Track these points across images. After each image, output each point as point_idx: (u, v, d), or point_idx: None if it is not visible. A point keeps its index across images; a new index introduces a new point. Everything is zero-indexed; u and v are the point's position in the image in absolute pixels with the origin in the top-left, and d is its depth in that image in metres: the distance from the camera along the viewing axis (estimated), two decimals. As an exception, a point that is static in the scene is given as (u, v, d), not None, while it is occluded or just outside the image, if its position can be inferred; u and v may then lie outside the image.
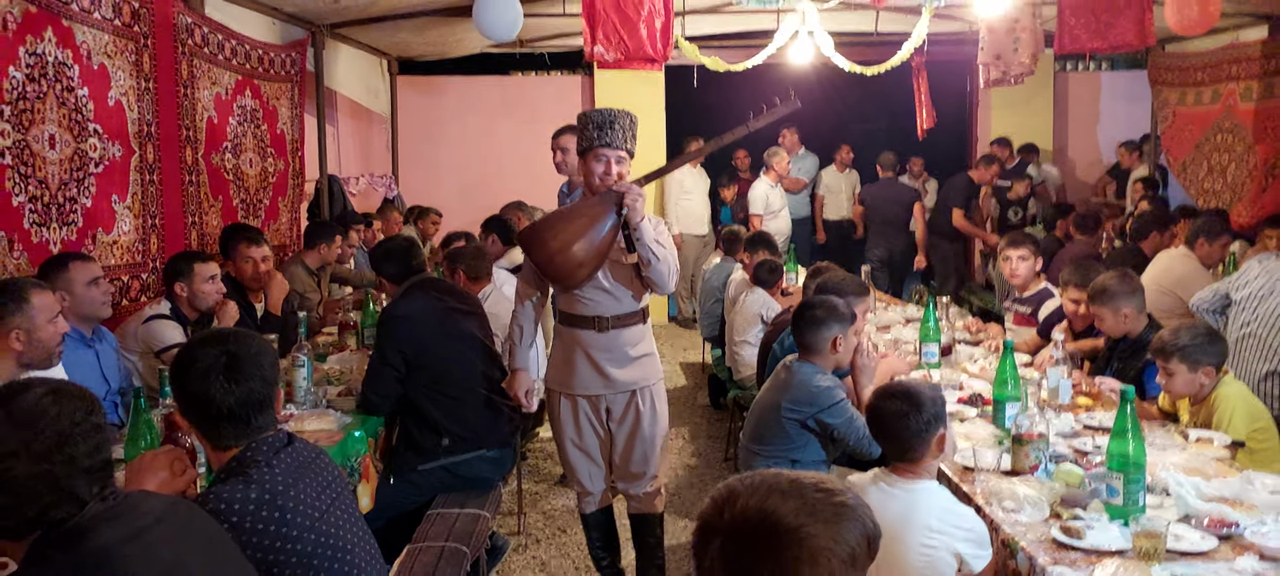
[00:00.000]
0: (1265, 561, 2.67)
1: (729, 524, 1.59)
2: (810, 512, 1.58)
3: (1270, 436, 4.03)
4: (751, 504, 1.59)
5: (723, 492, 1.64)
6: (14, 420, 1.81)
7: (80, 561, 1.75)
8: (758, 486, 1.62)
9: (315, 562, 2.36)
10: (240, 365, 2.41)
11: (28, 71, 4.49)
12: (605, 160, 4.20)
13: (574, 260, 4.14)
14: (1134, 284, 4.80)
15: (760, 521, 1.58)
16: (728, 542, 1.58)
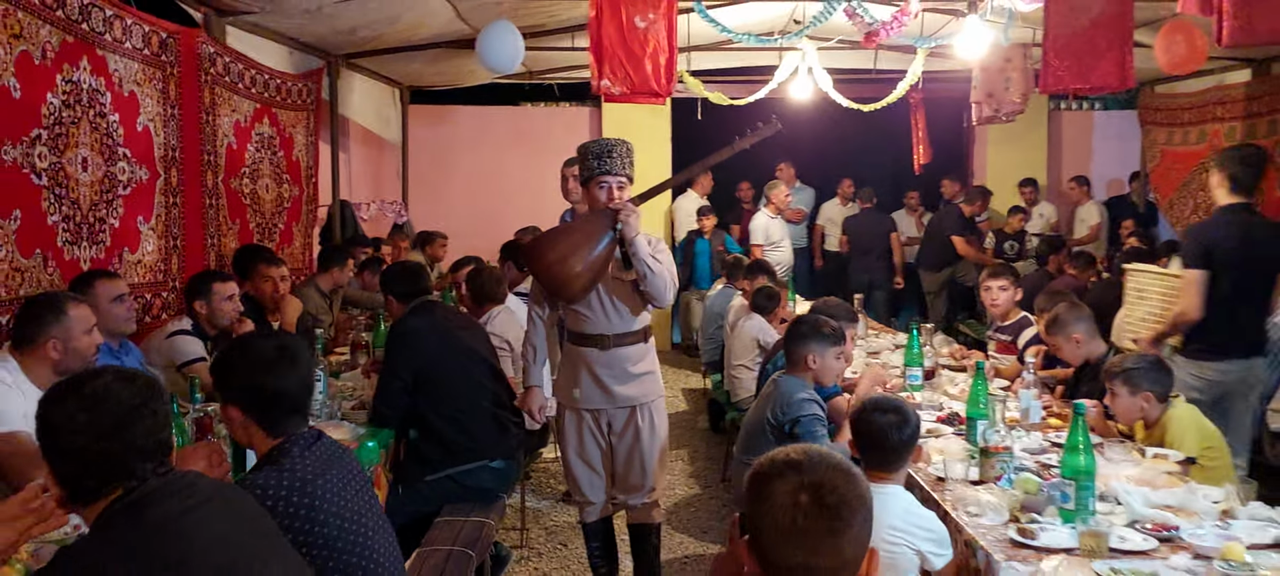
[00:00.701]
0: (1197, 560, 2.94)
1: (813, 471, 1.89)
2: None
3: (1220, 455, 4.29)
4: (829, 456, 1.94)
5: (788, 458, 1.93)
6: (82, 400, 2.08)
7: (142, 528, 2.01)
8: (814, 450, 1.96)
9: (340, 545, 2.62)
10: (295, 355, 2.70)
11: (64, 98, 4.78)
12: (607, 187, 4.49)
13: (570, 271, 4.42)
14: (1081, 310, 5.10)
15: (842, 464, 1.92)
16: (814, 479, 1.88)
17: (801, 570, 1.85)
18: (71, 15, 4.80)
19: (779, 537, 1.85)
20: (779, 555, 1.85)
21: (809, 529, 1.83)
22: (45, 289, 4.55)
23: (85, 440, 2.06)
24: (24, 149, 4.46)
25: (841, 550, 1.85)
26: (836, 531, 1.84)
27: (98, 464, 2.06)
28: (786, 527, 1.84)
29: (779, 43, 8.50)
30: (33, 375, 3.70)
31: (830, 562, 1.85)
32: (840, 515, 1.84)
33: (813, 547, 1.84)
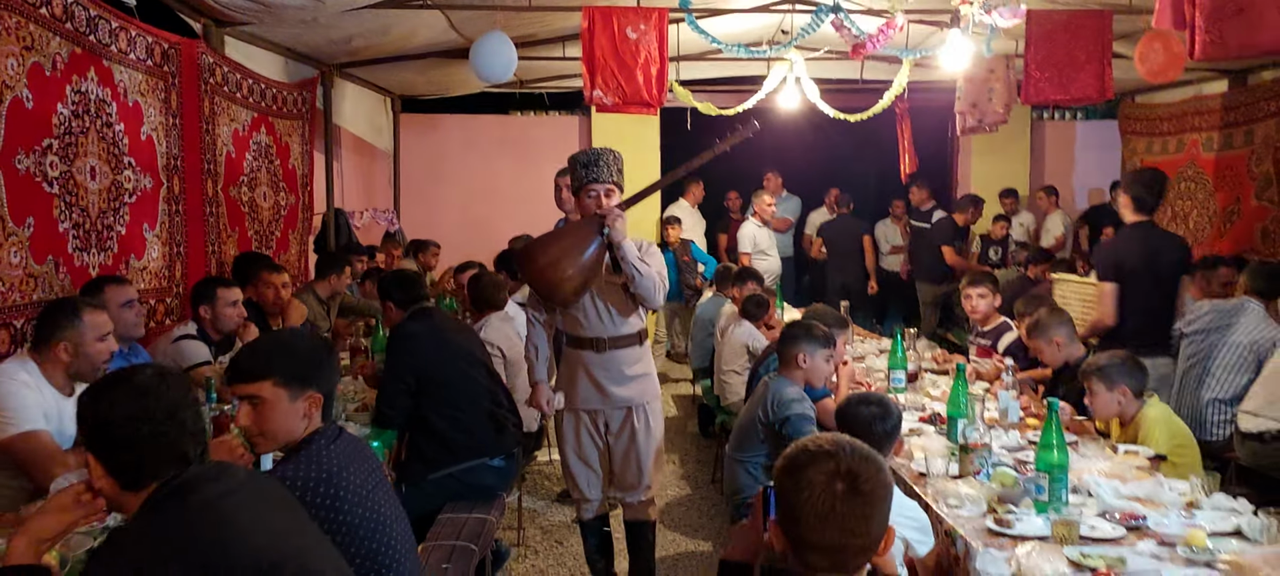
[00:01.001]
0: (1162, 546, 3.12)
1: (847, 459, 2.08)
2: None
3: (1190, 452, 4.48)
4: (858, 446, 2.13)
5: (822, 447, 2.11)
6: (136, 393, 2.24)
7: (190, 509, 2.16)
8: (843, 439, 2.15)
9: (361, 532, 2.78)
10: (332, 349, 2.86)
11: (73, 108, 4.92)
12: (595, 194, 4.66)
13: (561, 275, 4.59)
14: (1062, 315, 5.32)
15: (872, 455, 2.11)
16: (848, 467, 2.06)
17: (834, 548, 2.06)
18: (79, 27, 4.94)
19: (816, 519, 2.05)
20: (814, 535, 2.06)
21: (845, 512, 2.04)
22: (58, 294, 4.69)
23: (147, 428, 2.21)
24: (36, 158, 4.60)
25: (871, 531, 2.07)
26: (868, 515, 2.05)
27: (155, 449, 2.21)
28: (824, 511, 2.04)
29: (767, 53, 8.67)
30: (50, 376, 3.84)
31: (860, 542, 2.06)
32: (872, 500, 2.06)
33: (848, 529, 2.05)
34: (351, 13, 6.76)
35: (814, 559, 2.08)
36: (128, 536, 2.16)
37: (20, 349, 4.36)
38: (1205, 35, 4.91)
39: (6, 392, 3.70)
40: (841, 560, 2.06)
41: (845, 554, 2.06)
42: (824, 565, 2.07)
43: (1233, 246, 9.16)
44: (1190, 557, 3.01)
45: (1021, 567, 2.88)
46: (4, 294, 4.43)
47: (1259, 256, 8.70)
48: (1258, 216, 9.05)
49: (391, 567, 2.87)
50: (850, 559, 2.07)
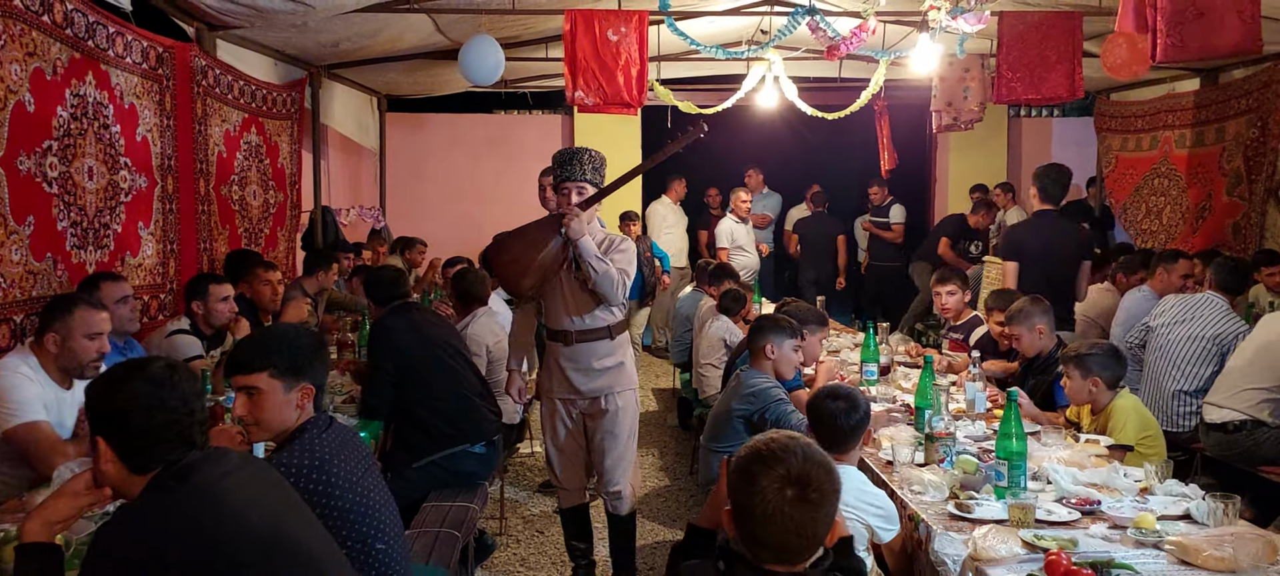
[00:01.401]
0: (1114, 529, 3.30)
1: (798, 465, 2.23)
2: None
3: (1157, 443, 4.66)
4: (809, 449, 2.28)
5: (772, 451, 2.26)
6: (153, 384, 2.39)
7: (191, 490, 2.32)
8: (795, 442, 2.29)
9: (352, 516, 2.94)
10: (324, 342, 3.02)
11: (72, 111, 5.07)
12: (567, 191, 4.84)
13: (521, 270, 4.82)
14: (1045, 305, 5.51)
15: (822, 459, 2.27)
16: (798, 473, 2.22)
17: (781, 547, 2.23)
18: (78, 33, 5.09)
19: (765, 521, 2.21)
20: (763, 533, 2.22)
21: (792, 514, 2.20)
22: (56, 291, 4.83)
23: (161, 415, 2.37)
24: (37, 159, 4.75)
25: (817, 531, 2.24)
26: (815, 518, 2.22)
27: (166, 434, 2.37)
28: (773, 514, 2.20)
29: (747, 53, 8.83)
30: (48, 370, 3.99)
31: (807, 540, 2.23)
32: (819, 505, 2.22)
33: (795, 530, 2.21)
34: (340, 17, 6.91)
35: (762, 553, 2.24)
36: (133, 515, 2.31)
37: (20, 343, 4.50)
38: (1166, 39, 5.10)
39: (10, 385, 3.85)
40: (788, 555, 2.23)
41: (791, 550, 2.23)
42: (771, 558, 2.23)
43: (1205, 242, 9.35)
44: (1140, 539, 3.20)
45: (977, 548, 3.05)
46: (4, 290, 4.57)
47: (1231, 251, 8.91)
48: (1229, 212, 9.24)
49: (383, 553, 3.03)
50: (796, 554, 2.23)
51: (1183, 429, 6.12)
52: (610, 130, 11.48)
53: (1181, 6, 5.02)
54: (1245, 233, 8.94)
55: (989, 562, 3.00)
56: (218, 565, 2.24)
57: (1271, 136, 8.45)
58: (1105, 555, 3.01)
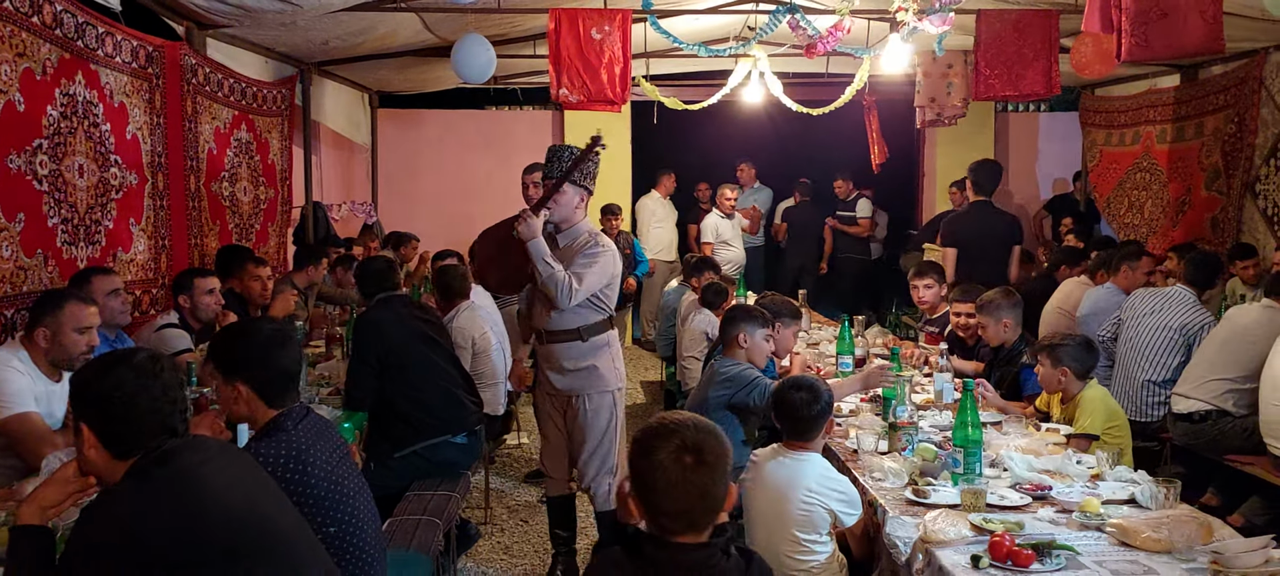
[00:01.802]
0: (1061, 513, 3.44)
1: (691, 434, 2.38)
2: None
3: (1123, 432, 4.79)
4: (698, 420, 2.44)
5: (666, 426, 2.42)
6: (136, 372, 2.51)
7: (171, 475, 2.44)
8: (683, 416, 2.46)
9: (327, 504, 3.06)
10: (291, 340, 3.15)
11: (62, 110, 5.19)
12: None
13: (488, 265, 5.07)
14: (1015, 299, 5.65)
15: (711, 427, 2.43)
16: (693, 442, 2.37)
17: (685, 512, 2.37)
18: (68, 33, 5.21)
19: (668, 489, 2.36)
20: (669, 503, 2.37)
21: (693, 480, 2.35)
22: (46, 287, 4.95)
23: (144, 402, 2.49)
24: (27, 157, 4.87)
25: (716, 493, 2.38)
26: (713, 480, 2.36)
27: (149, 421, 2.49)
28: (675, 482, 2.35)
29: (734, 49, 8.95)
30: (38, 363, 4.11)
31: (708, 503, 2.37)
32: (715, 467, 2.37)
33: (697, 494, 2.36)
34: (329, 16, 7.02)
35: (668, 523, 2.38)
36: (114, 499, 2.44)
37: (10, 338, 4.63)
38: (1131, 38, 5.23)
39: (1, 378, 3.97)
40: (693, 520, 2.37)
41: (695, 514, 2.37)
42: (678, 527, 2.38)
43: (1185, 235, 9.47)
44: (1084, 522, 3.34)
45: (927, 531, 3.18)
46: (-4, 286, 4.70)
47: (1210, 245, 9.05)
48: (1208, 206, 9.36)
49: (356, 538, 3.15)
50: (700, 518, 2.38)
51: (1152, 418, 6.26)
52: (598, 124, 11.52)
53: (1145, 7, 5.14)
54: (1223, 226, 9.06)
55: (938, 544, 3.13)
56: (196, 547, 2.37)
57: (1248, 131, 8.58)
58: (1048, 536, 3.14)
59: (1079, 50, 7.03)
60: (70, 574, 2.38)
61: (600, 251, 4.93)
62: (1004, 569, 2.96)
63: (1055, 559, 3.00)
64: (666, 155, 12.76)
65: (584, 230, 5.05)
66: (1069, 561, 3.01)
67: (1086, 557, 3.05)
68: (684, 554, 2.38)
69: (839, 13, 5.88)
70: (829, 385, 4.04)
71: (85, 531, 2.38)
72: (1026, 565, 2.95)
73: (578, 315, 4.99)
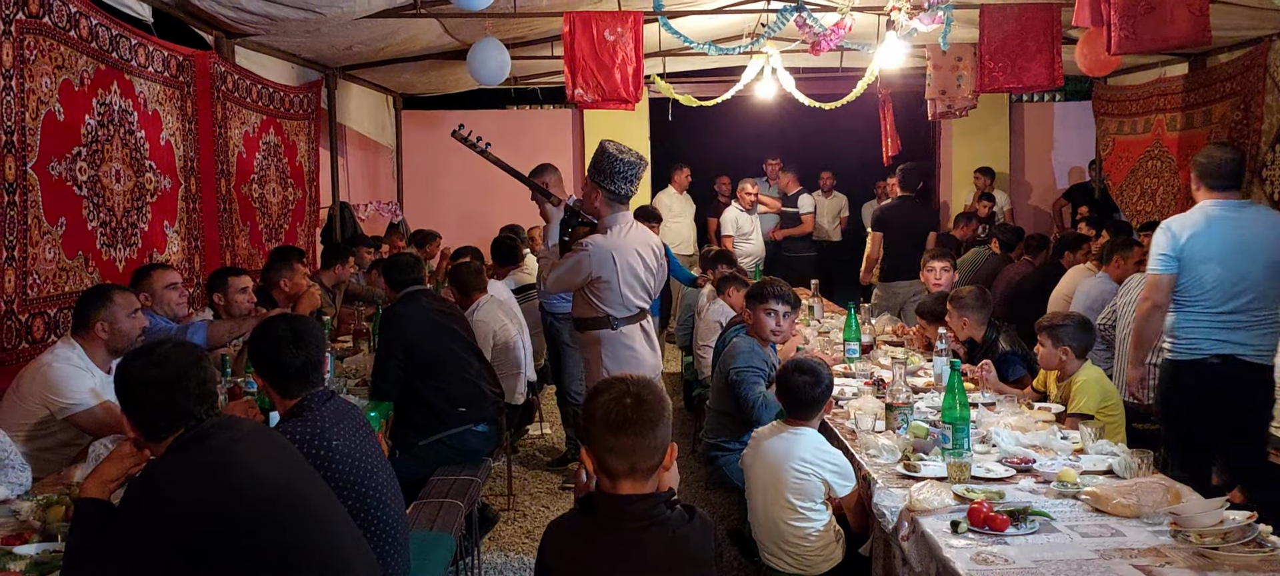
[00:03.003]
0: (1040, 483, 3.65)
1: (634, 386, 2.64)
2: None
3: (1117, 412, 4.96)
4: (644, 381, 2.69)
5: (609, 380, 2.70)
6: (151, 361, 2.77)
7: (207, 452, 2.70)
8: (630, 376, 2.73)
9: (351, 479, 3.31)
10: (301, 337, 3.39)
11: (99, 119, 5.47)
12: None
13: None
14: (985, 300, 5.87)
15: (655, 387, 2.67)
16: (634, 390, 2.62)
17: (628, 451, 2.58)
18: (103, 46, 5.49)
19: (611, 426, 2.58)
20: (612, 440, 2.58)
21: (634, 419, 2.57)
22: (87, 286, 5.22)
23: (157, 390, 2.74)
24: (67, 164, 5.15)
25: (655, 438, 2.59)
26: (653, 422, 2.59)
27: (167, 408, 2.74)
28: (618, 420, 2.57)
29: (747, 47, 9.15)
30: (93, 355, 4.38)
31: (647, 446, 2.58)
32: (654, 411, 2.60)
33: (637, 433, 2.57)
34: (352, 22, 7.28)
35: (613, 463, 2.59)
36: (155, 473, 2.70)
37: (55, 336, 4.93)
38: (1119, 32, 5.41)
39: (64, 375, 4.25)
40: (634, 464, 2.58)
41: (636, 456, 2.57)
42: (622, 470, 2.59)
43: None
44: (1061, 491, 3.54)
45: (912, 500, 3.40)
46: (39, 286, 4.97)
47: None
48: (1217, 193, 9.48)
49: (380, 513, 3.40)
50: (640, 461, 2.58)
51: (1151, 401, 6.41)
52: (616, 122, 11.80)
53: (1133, 1, 5.32)
54: (1233, 212, 9.18)
55: (922, 513, 3.35)
56: (230, 516, 2.63)
57: (1254, 118, 8.70)
58: (1025, 503, 3.35)
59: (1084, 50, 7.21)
60: (119, 541, 2.64)
61: (580, 251, 4.97)
62: (981, 532, 3.16)
63: (1030, 523, 3.20)
64: (685, 150, 13.00)
65: (603, 226, 5.08)
66: (1043, 526, 3.22)
67: (1059, 522, 3.26)
68: (630, 504, 2.58)
69: (840, 11, 6.08)
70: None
71: (130, 503, 2.64)
72: (1002, 529, 3.15)
73: (578, 305, 5.16)
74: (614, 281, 4.93)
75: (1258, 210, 5.13)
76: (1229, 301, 4.88)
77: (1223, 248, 4.86)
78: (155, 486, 2.65)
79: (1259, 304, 4.90)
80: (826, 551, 3.95)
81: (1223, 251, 4.86)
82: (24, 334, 4.84)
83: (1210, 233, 4.87)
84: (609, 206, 5.01)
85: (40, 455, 4.28)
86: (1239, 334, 4.90)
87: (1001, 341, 5.69)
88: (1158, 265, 4.97)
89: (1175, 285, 4.94)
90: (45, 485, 3.88)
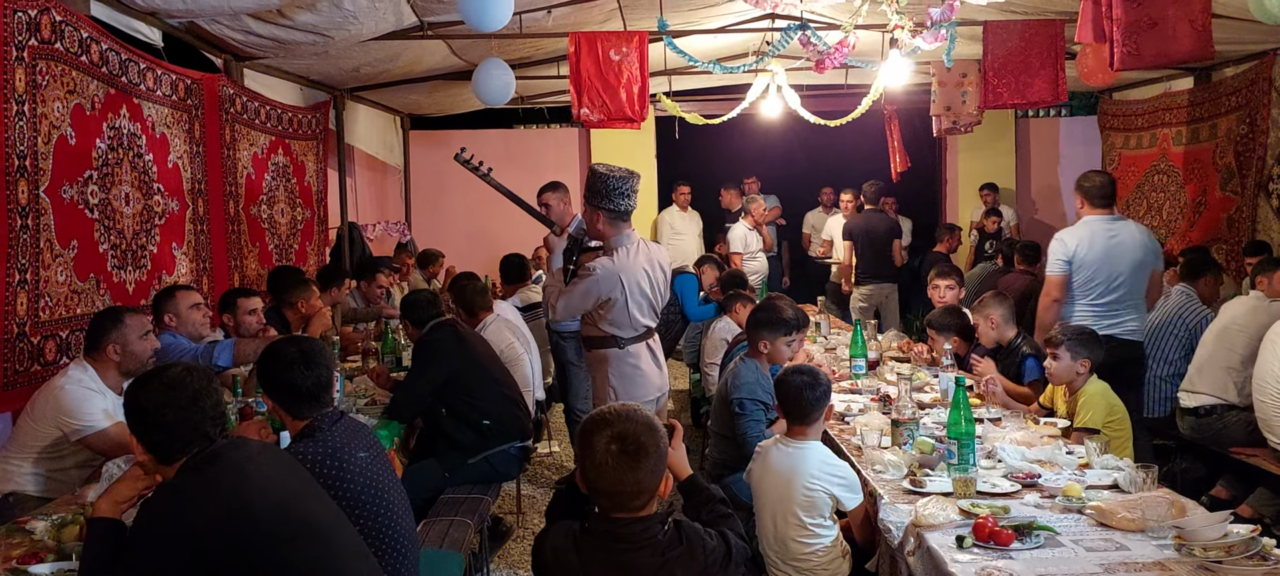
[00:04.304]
0: (1045, 498, 3.66)
1: (620, 425, 2.71)
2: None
3: (1124, 426, 4.98)
4: (636, 413, 2.77)
5: (603, 416, 2.77)
6: (166, 385, 2.81)
7: (219, 471, 2.74)
8: (624, 409, 2.79)
9: (363, 498, 3.35)
10: (311, 358, 3.43)
11: (109, 142, 5.52)
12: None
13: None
14: (1007, 301, 5.98)
15: (647, 420, 2.75)
16: (620, 432, 2.70)
17: (613, 492, 2.72)
18: (113, 71, 5.54)
19: (597, 471, 2.72)
20: (598, 482, 2.73)
21: (615, 466, 2.69)
22: (98, 308, 5.27)
23: (172, 413, 2.78)
24: (79, 188, 5.20)
25: (639, 479, 2.71)
26: (634, 467, 2.70)
27: (180, 430, 2.78)
28: (602, 465, 2.70)
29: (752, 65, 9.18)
30: (105, 377, 4.41)
31: (631, 487, 2.71)
32: (638, 456, 2.70)
33: (619, 478, 2.70)
34: (359, 44, 7.35)
35: (602, 500, 2.76)
36: (167, 493, 2.74)
37: (67, 357, 4.97)
38: (1122, 48, 5.44)
39: (77, 397, 4.29)
40: (621, 502, 2.72)
41: (622, 497, 2.72)
42: (610, 505, 2.75)
43: (1202, 236, 9.62)
44: (1066, 506, 3.55)
45: (918, 516, 3.41)
46: (51, 308, 5.01)
47: (1226, 244, 9.21)
48: (1223, 207, 9.50)
49: (391, 531, 3.44)
50: (627, 500, 2.72)
51: (1161, 414, 6.44)
52: (622, 141, 11.87)
53: (1135, 17, 5.35)
54: (1238, 225, 9.20)
55: (927, 528, 3.36)
56: (239, 534, 2.67)
57: (1259, 131, 8.73)
58: (1030, 518, 3.37)
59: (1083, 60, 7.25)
60: (134, 560, 2.67)
61: (590, 275, 4.98)
62: (986, 547, 3.18)
63: (1034, 538, 3.21)
64: (691, 168, 13.05)
65: (610, 247, 5.09)
66: (1048, 540, 3.23)
67: (1064, 537, 3.27)
68: (622, 526, 2.74)
69: (844, 29, 6.12)
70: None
71: (143, 522, 2.68)
72: (1007, 544, 3.17)
73: (586, 325, 5.20)
74: (623, 302, 4.98)
75: (1126, 223, 6.36)
76: (1108, 294, 6.15)
77: (1102, 253, 6.16)
78: (170, 505, 2.69)
79: (1129, 295, 6.19)
80: (834, 567, 3.96)
81: (1102, 256, 6.15)
82: (36, 356, 4.88)
83: (1093, 242, 6.18)
84: (613, 227, 5.03)
85: (54, 475, 4.34)
86: (1117, 318, 6.14)
87: (1025, 347, 5.80)
88: (1056, 269, 6.26)
89: (1069, 283, 6.19)
90: (59, 505, 3.92)
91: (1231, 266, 8.87)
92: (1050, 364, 5.07)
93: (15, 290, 4.71)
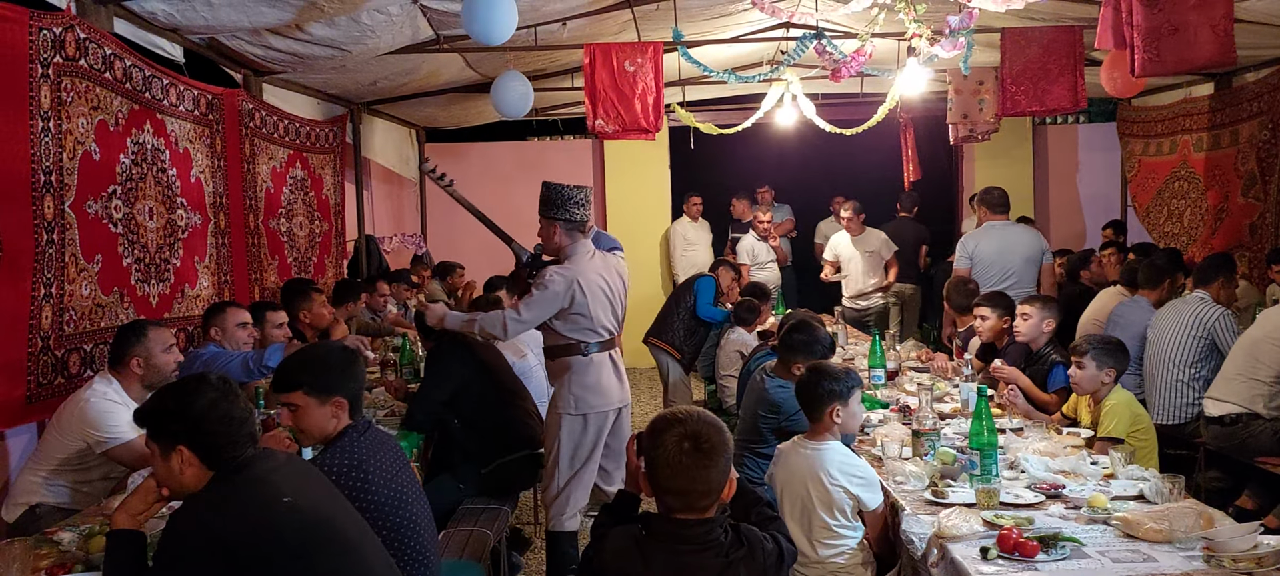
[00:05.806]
0: (1070, 509, 3.65)
1: (693, 425, 2.74)
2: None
3: (1148, 436, 4.96)
4: (703, 414, 2.81)
5: (675, 415, 2.79)
6: (217, 389, 2.84)
7: (250, 479, 2.78)
8: (693, 410, 2.82)
9: (386, 509, 3.37)
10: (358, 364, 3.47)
11: (133, 157, 5.56)
12: None
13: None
14: (1053, 304, 6.00)
15: (714, 421, 2.78)
16: (693, 431, 2.72)
17: (683, 492, 2.73)
18: (137, 87, 5.58)
19: (669, 471, 2.72)
20: (668, 482, 2.74)
21: (690, 465, 2.70)
22: (122, 322, 5.30)
23: (235, 414, 2.82)
24: (103, 203, 5.24)
25: (711, 479, 2.73)
26: (708, 466, 2.71)
27: (239, 432, 2.82)
28: (674, 464, 2.71)
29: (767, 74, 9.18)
30: (129, 390, 4.45)
31: (702, 487, 2.72)
32: (711, 455, 2.72)
33: (692, 477, 2.71)
34: (376, 59, 7.38)
35: (670, 500, 2.75)
36: (198, 503, 2.76)
37: (91, 371, 5.00)
38: (1143, 54, 5.40)
39: (102, 410, 4.33)
40: (690, 501, 2.73)
41: (691, 496, 2.73)
42: (678, 505, 2.75)
43: (1224, 242, 9.54)
44: (1092, 517, 3.54)
45: (941, 527, 3.41)
46: (76, 321, 5.04)
47: (1249, 251, 9.15)
48: (1246, 213, 9.44)
49: (413, 540, 3.45)
50: (696, 500, 2.73)
51: (1182, 420, 6.38)
52: (637, 152, 11.91)
53: (1156, 23, 5.31)
54: (1261, 232, 9.14)
55: (951, 539, 3.36)
56: (267, 543, 2.70)
57: (1282, 137, 8.68)
58: (1055, 529, 3.35)
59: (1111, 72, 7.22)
60: (161, 569, 2.70)
61: (546, 286, 5.16)
62: (1011, 559, 3.17)
63: (1060, 549, 3.20)
64: (706, 178, 13.06)
65: (564, 258, 5.30)
66: (1073, 552, 3.22)
67: (1090, 548, 3.26)
68: (686, 528, 2.75)
69: (860, 38, 6.11)
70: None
71: (173, 531, 2.70)
72: (1032, 555, 3.16)
73: (548, 334, 5.33)
74: (585, 302, 5.14)
75: (1017, 226, 8.16)
76: (1001, 284, 7.32)
77: (997, 250, 7.69)
78: (200, 515, 2.71)
79: (1021, 284, 7.44)
80: (857, 574, 3.95)
81: (997, 253, 7.68)
82: (60, 369, 4.90)
83: (990, 241, 7.78)
84: (569, 237, 5.25)
85: (79, 487, 4.38)
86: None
87: (1054, 354, 5.76)
88: (960, 264, 7.82)
89: (971, 276, 7.53)
90: (86, 516, 3.95)
91: (1254, 274, 8.82)
92: (1075, 373, 5.05)
93: (41, 304, 4.74)
